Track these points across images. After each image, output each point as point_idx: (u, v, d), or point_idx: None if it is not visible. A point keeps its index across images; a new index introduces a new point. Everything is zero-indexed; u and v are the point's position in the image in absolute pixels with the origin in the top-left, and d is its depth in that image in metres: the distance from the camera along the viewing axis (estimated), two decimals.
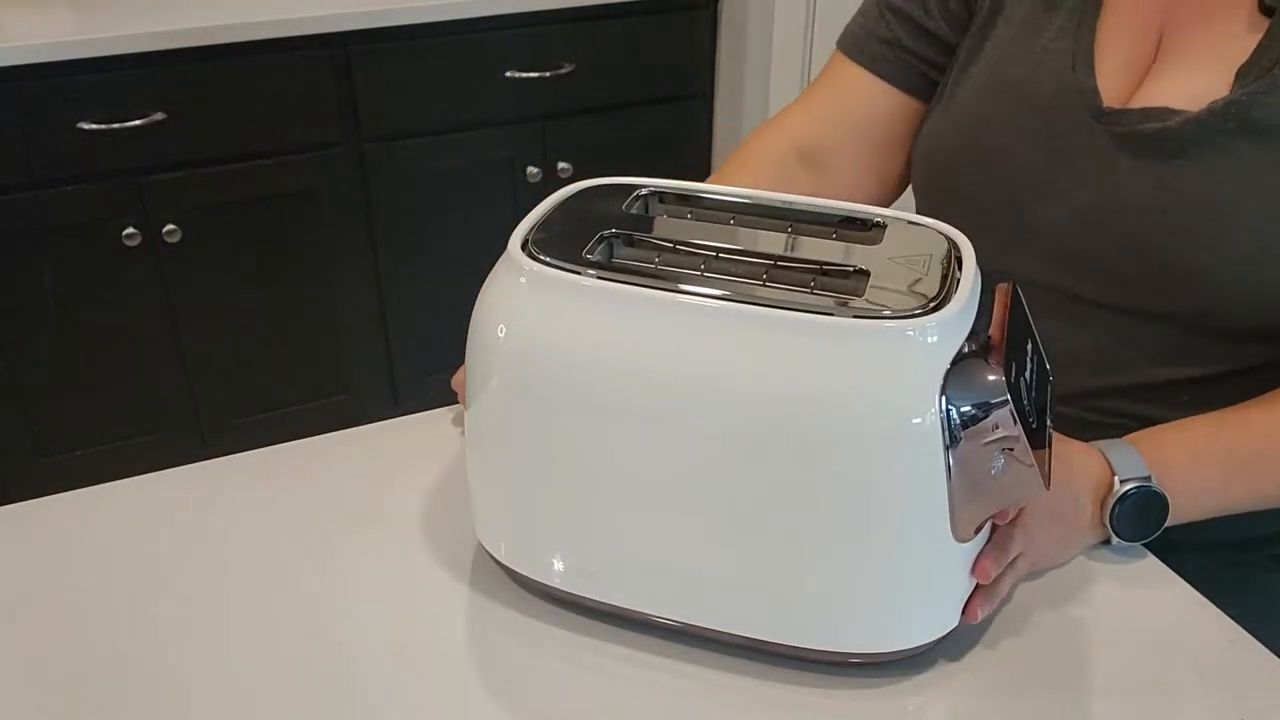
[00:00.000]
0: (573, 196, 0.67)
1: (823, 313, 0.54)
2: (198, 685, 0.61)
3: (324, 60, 1.83)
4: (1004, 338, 0.55)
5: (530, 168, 2.04)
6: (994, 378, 0.53)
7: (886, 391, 0.53)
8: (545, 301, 0.58)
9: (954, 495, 0.55)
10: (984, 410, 0.53)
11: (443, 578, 0.69)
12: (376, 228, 2.00)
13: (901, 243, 0.61)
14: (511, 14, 1.91)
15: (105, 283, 1.83)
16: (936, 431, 0.53)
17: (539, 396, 0.59)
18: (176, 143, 1.78)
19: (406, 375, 2.16)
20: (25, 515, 0.74)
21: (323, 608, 0.66)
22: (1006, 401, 0.53)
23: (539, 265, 0.58)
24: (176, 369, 1.95)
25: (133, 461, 2.01)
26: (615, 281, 0.57)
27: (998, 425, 0.53)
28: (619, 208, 0.66)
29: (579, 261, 0.58)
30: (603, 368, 0.57)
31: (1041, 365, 0.60)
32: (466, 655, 0.63)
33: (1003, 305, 0.58)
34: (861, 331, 0.53)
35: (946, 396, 0.53)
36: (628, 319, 0.56)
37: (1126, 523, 0.67)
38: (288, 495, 0.76)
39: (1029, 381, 0.57)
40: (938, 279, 0.56)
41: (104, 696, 0.60)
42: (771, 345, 0.54)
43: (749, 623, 0.61)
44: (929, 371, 0.53)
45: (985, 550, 0.61)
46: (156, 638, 0.64)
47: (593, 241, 0.61)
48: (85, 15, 1.77)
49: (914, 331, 0.53)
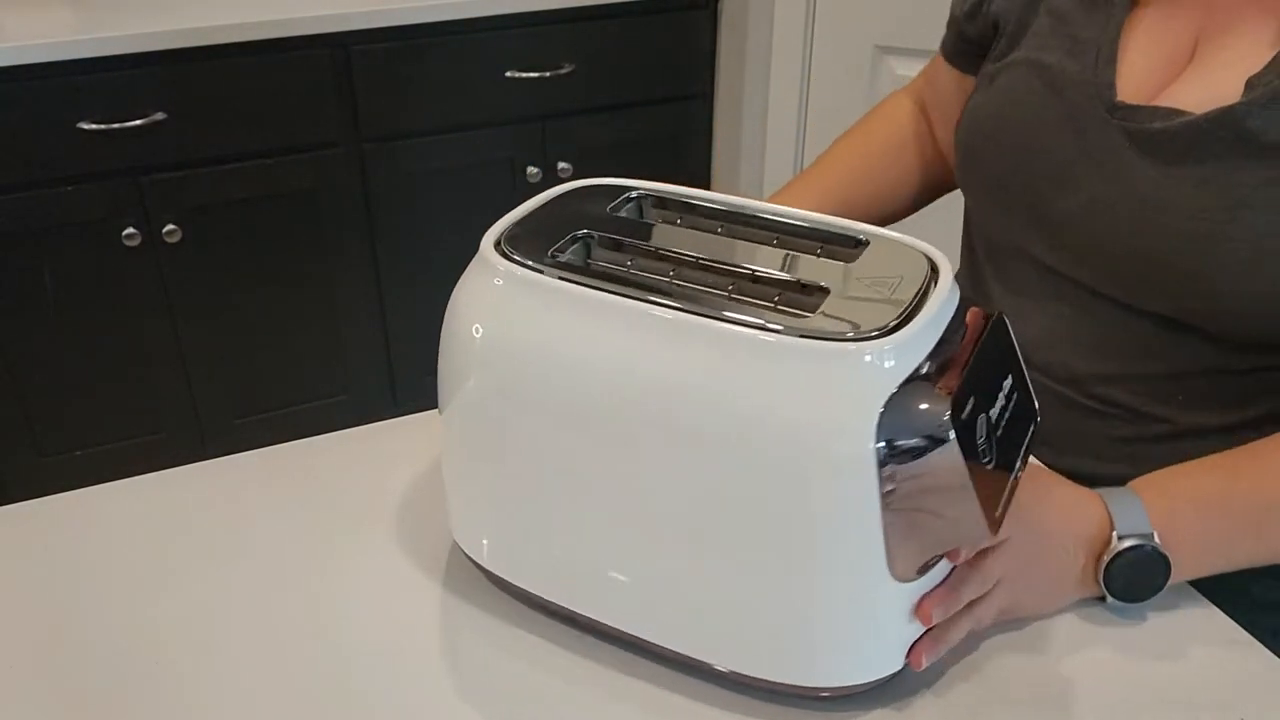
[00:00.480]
0: (561, 196, 0.67)
1: (766, 329, 0.52)
2: (197, 685, 0.61)
3: (324, 60, 1.83)
4: (966, 368, 0.52)
5: (530, 168, 2.04)
6: (938, 408, 0.50)
7: (820, 414, 0.51)
8: (508, 299, 0.58)
9: (889, 530, 0.52)
10: (924, 443, 0.50)
11: (443, 577, 0.68)
12: (376, 228, 2.00)
13: (878, 262, 0.58)
14: (511, 14, 1.91)
15: (105, 283, 1.83)
16: (871, 461, 0.50)
17: (497, 395, 0.59)
18: (176, 143, 1.78)
19: (406, 375, 2.16)
20: (25, 515, 0.74)
21: (322, 607, 0.66)
22: (948, 436, 0.49)
23: (505, 263, 0.58)
24: (176, 369, 1.95)
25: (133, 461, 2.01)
26: (574, 283, 0.56)
27: (939, 460, 0.50)
28: (604, 209, 0.65)
29: (543, 261, 0.58)
30: (556, 369, 0.56)
31: (1025, 403, 0.57)
32: (466, 655, 0.63)
33: (974, 334, 0.55)
34: (799, 351, 0.51)
35: (883, 425, 0.50)
36: (582, 322, 0.56)
37: (1121, 582, 0.63)
38: (288, 495, 0.76)
39: (998, 418, 0.54)
40: (903, 302, 0.54)
41: (104, 696, 0.60)
42: (714, 359, 0.52)
43: (690, 641, 0.59)
44: (867, 397, 0.50)
45: (934, 591, 0.58)
46: (156, 637, 0.64)
47: (564, 242, 0.60)
48: (85, 15, 1.77)
49: (854, 354, 0.50)
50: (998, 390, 0.55)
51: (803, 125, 2.06)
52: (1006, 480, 0.54)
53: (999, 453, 0.53)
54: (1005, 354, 0.56)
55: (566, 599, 0.63)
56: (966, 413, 0.51)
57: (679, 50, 2.09)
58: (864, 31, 1.92)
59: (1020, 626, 0.64)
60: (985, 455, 0.52)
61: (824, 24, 1.96)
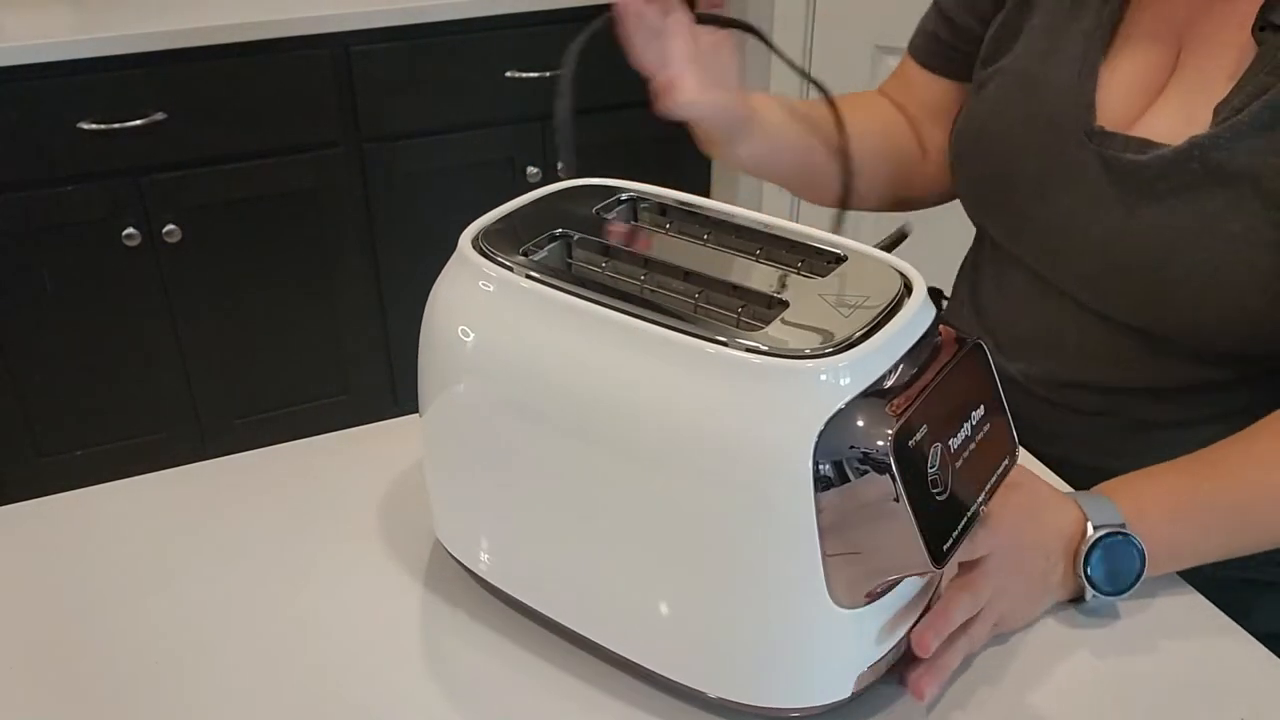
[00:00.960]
0: (550, 195, 0.66)
1: (711, 340, 0.50)
2: (197, 684, 0.61)
3: (324, 60, 1.83)
4: (924, 392, 0.50)
5: (530, 168, 2.04)
6: (879, 430, 0.48)
7: (759, 430, 0.49)
8: (478, 297, 0.58)
9: (827, 555, 0.50)
10: (862, 465, 0.48)
11: (443, 578, 0.69)
12: (376, 228, 2.00)
13: (853, 278, 0.57)
14: (511, 14, 1.91)
15: (105, 283, 1.83)
16: (807, 480, 0.48)
17: (462, 392, 0.59)
18: (176, 143, 1.78)
19: (406, 375, 2.16)
20: (25, 515, 0.74)
21: (321, 607, 0.66)
22: (887, 460, 0.47)
23: (479, 259, 0.58)
24: (176, 369, 1.95)
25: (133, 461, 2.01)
26: (538, 282, 0.56)
27: (876, 485, 0.48)
28: (591, 210, 0.64)
29: (513, 260, 0.57)
30: (513, 369, 0.56)
31: (998, 438, 0.54)
32: (466, 655, 0.63)
33: (945, 359, 0.53)
34: (741, 364, 0.49)
35: (822, 444, 0.48)
36: (540, 322, 0.55)
37: (1102, 571, 0.63)
38: (288, 495, 0.76)
39: (959, 448, 0.52)
40: (861, 322, 0.51)
41: (104, 696, 0.60)
42: (661, 368, 0.51)
43: (636, 648, 0.58)
44: (808, 414, 0.48)
45: (926, 619, 0.57)
46: (156, 637, 0.64)
47: (543, 240, 0.60)
48: (85, 15, 1.77)
49: (797, 370, 0.49)
50: (964, 419, 0.52)
51: None
52: (962, 514, 0.52)
53: (957, 484, 0.51)
54: (979, 383, 0.54)
55: (537, 602, 0.62)
56: (918, 438, 0.49)
57: None
58: (864, 31, 1.92)
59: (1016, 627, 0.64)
60: (937, 485, 0.50)
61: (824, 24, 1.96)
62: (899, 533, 0.49)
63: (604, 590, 0.58)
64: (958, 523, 0.52)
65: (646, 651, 0.58)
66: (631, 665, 0.60)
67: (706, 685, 0.57)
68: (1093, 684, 0.61)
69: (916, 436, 0.49)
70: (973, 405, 0.53)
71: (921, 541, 0.49)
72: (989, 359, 0.55)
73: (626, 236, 0.62)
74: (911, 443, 0.49)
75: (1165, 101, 0.73)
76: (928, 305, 0.55)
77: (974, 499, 0.53)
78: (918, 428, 0.49)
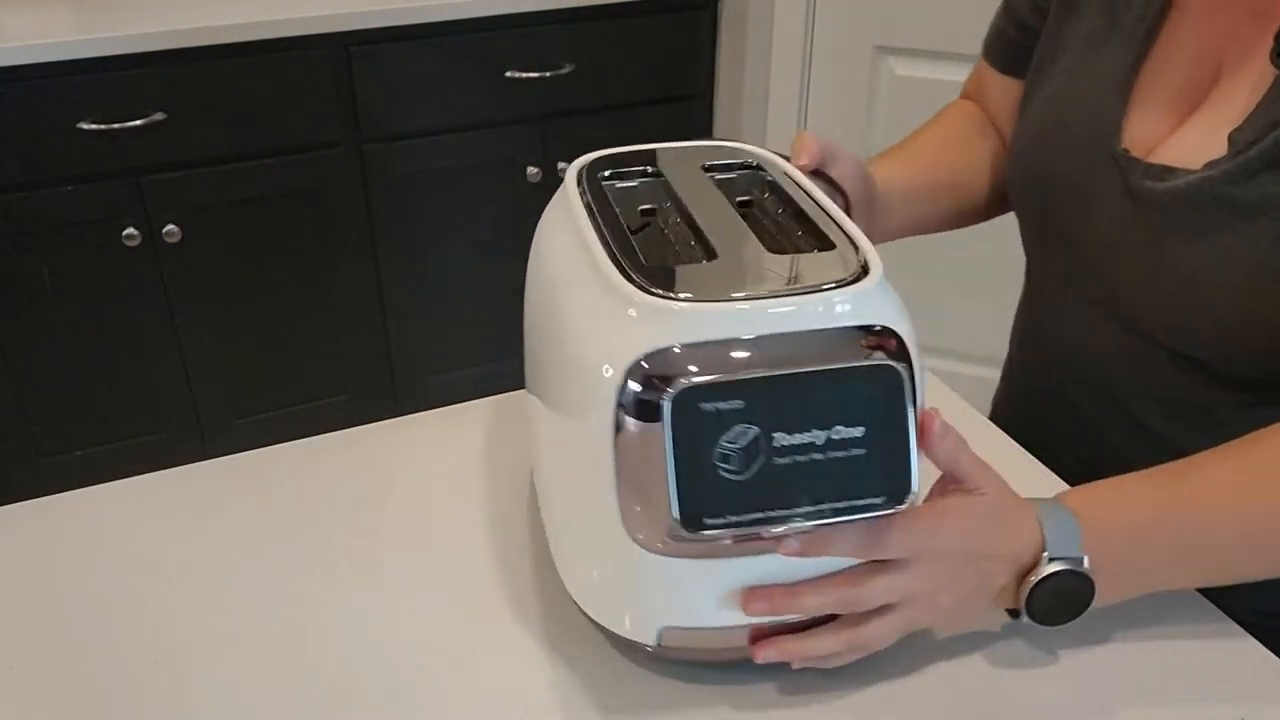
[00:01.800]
0: (695, 147, 0.71)
1: (624, 271, 0.54)
2: (197, 684, 0.61)
3: (324, 60, 1.83)
4: (772, 379, 0.50)
5: (530, 168, 2.04)
6: (672, 382, 0.49)
7: (595, 345, 0.52)
8: (552, 205, 0.66)
9: (620, 485, 0.52)
10: (648, 406, 0.49)
11: (442, 578, 0.69)
12: (376, 228, 2.00)
13: (820, 262, 0.56)
14: (511, 14, 1.91)
15: (105, 283, 1.83)
16: (611, 400, 0.50)
17: (528, 282, 0.67)
18: (176, 143, 1.78)
19: (406, 375, 2.16)
20: (25, 515, 0.74)
21: (322, 607, 0.66)
22: (661, 410, 0.49)
23: (571, 174, 0.66)
24: (176, 369, 1.95)
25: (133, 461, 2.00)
26: (575, 198, 0.63)
27: (653, 433, 0.49)
28: (698, 165, 0.68)
29: (584, 178, 0.66)
30: (535, 257, 0.66)
31: (880, 472, 0.52)
32: (465, 654, 0.63)
33: (832, 363, 0.51)
34: (619, 291, 0.52)
35: (631, 374, 0.50)
36: (557, 228, 0.63)
37: (1043, 605, 0.59)
38: (288, 495, 0.76)
39: (788, 448, 0.51)
40: (767, 291, 0.52)
41: (104, 696, 0.60)
42: (591, 284, 0.55)
43: (553, 540, 0.65)
44: (630, 343, 0.50)
45: (769, 586, 0.55)
46: (156, 637, 0.64)
47: (634, 171, 0.68)
48: (85, 15, 1.77)
49: (641, 302, 0.51)
50: (827, 427, 0.51)
51: (803, 125, 2.06)
52: (754, 507, 0.51)
53: (766, 478, 0.51)
54: (881, 407, 0.52)
55: None
56: (719, 408, 0.49)
57: (679, 50, 2.09)
58: (864, 31, 1.92)
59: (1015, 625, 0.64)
60: (730, 464, 0.50)
61: (824, 24, 1.96)
62: (659, 486, 0.51)
63: (544, 497, 0.67)
64: (742, 511, 0.51)
65: (556, 547, 0.64)
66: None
67: (573, 590, 0.62)
68: (1092, 684, 0.61)
69: (717, 406, 0.49)
70: (852, 422, 0.51)
71: (676, 504, 0.50)
72: (903, 392, 0.52)
73: (698, 187, 0.65)
74: (707, 408, 0.49)
75: (1193, 124, 0.71)
76: (852, 307, 0.52)
77: (785, 504, 0.52)
78: (722, 398, 0.49)
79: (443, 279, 2.06)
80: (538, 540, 0.71)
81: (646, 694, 0.60)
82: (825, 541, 0.54)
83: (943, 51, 1.84)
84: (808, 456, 0.51)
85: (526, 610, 0.66)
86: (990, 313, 1.19)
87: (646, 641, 0.58)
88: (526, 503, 0.75)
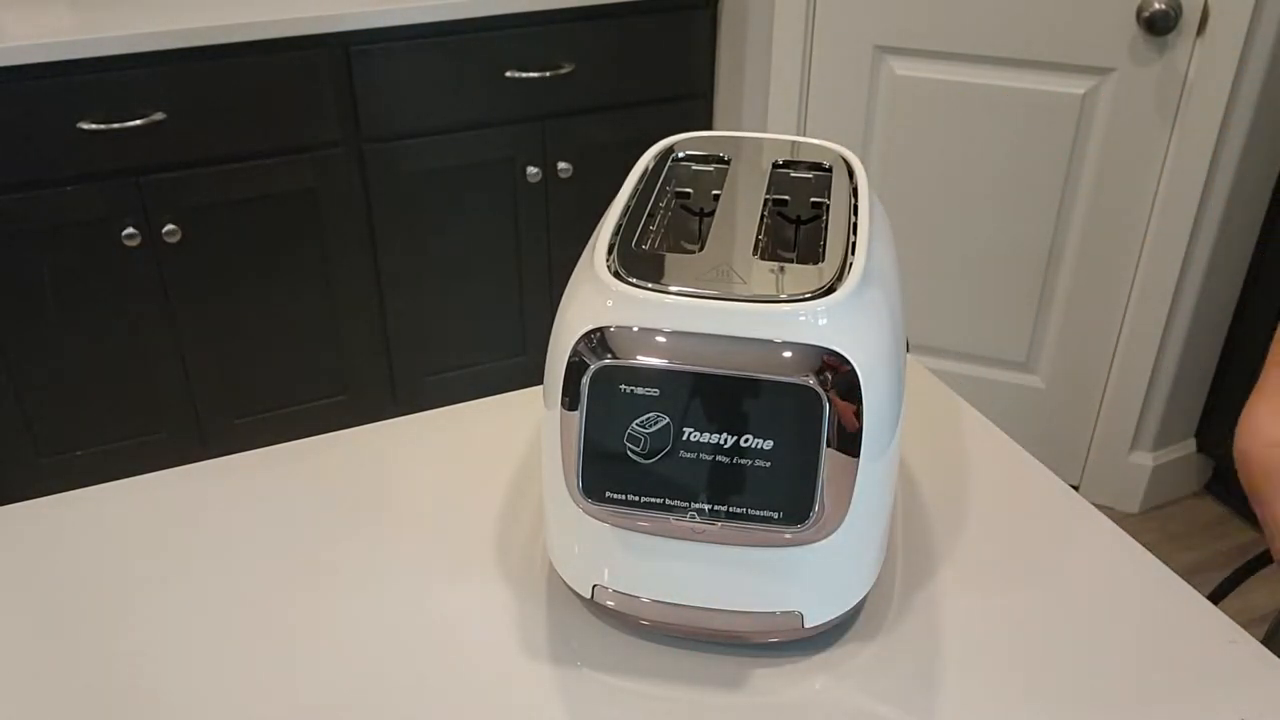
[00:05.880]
0: (777, 140, 0.73)
1: (611, 242, 0.58)
2: (198, 685, 0.61)
3: (324, 60, 1.83)
4: (701, 378, 0.51)
5: (530, 168, 2.04)
6: (591, 359, 0.53)
7: (566, 315, 0.56)
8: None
9: (562, 443, 0.55)
10: (575, 376, 0.53)
11: (442, 578, 0.69)
12: (376, 228, 2.00)
13: (804, 274, 0.56)
14: (511, 14, 1.91)
15: (105, 283, 1.83)
16: (561, 366, 0.54)
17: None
18: (176, 143, 1.78)
19: (406, 375, 2.16)
20: (25, 515, 0.74)
21: (322, 607, 0.66)
22: (580, 386, 0.53)
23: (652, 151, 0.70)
24: (176, 369, 1.95)
25: (133, 461, 2.01)
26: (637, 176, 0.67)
27: (571, 402, 0.54)
28: (765, 160, 0.71)
29: (656, 156, 0.70)
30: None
31: (766, 492, 0.53)
32: (464, 654, 0.63)
33: (759, 373, 0.51)
34: (595, 268, 0.56)
35: (579, 346, 0.53)
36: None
37: None
38: (288, 495, 0.76)
39: (697, 444, 0.52)
40: (738, 293, 0.53)
41: (104, 696, 0.60)
42: (588, 254, 0.60)
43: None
44: (584, 316, 0.54)
45: None
46: (156, 637, 0.64)
47: (709, 156, 0.71)
48: (85, 15, 1.77)
49: (600, 281, 0.55)
50: (737, 434, 0.52)
51: (803, 125, 2.06)
52: (658, 500, 0.54)
53: (668, 464, 0.53)
54: (796, 427, 0.52)
55: None
56: (631, 392, 0.52)
57: (679, 50, 2.09)
58: (864, 31, 1.92)
59: (1020, 626, 0.64)
60: (639, 444, 0.53)
61: (824, 24, 1.96)
62: (571, 451, 0.55)
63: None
64: (642, 493, 0.54)
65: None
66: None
67: (549, 549, 0.65)
68: (1092, 684, 0.61)
69: (633, 389, 0.52)
70: (752, 431, 0.52)
71: (579, 472, 0.55)
72: (820, 416, 0.52)
73: (758, 170, 0.69)
74: (623, 390, 0.53)
75: None
76: (796, 329, 0.52)
77: (685, 497, 0.54)
78: (638, 383, 0.52)
79: (442, 279, 2.06)
80: (538, 540, 0.72)
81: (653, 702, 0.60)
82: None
83: (943, 51, 1.84)
84: (713, 457, 0.53)
85: (527, 610, 0.66)
86: (1010, 319, 1.18)
87: (581, 591, 0.62)
88: (526, 502, 0.75)
